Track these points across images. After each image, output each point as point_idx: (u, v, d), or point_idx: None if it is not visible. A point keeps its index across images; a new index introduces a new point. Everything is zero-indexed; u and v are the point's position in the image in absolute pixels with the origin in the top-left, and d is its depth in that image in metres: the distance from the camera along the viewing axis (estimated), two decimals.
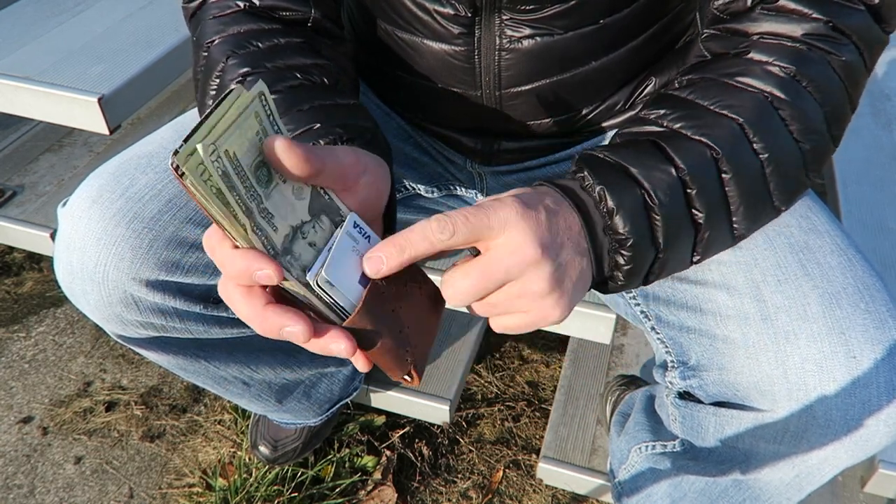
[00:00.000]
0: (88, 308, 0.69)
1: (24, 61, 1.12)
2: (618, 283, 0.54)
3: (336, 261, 0.45)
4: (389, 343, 0.47)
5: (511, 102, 0.70)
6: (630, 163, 0.53)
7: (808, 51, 0.55)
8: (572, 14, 0.63)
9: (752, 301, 0.60)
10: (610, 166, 0.53)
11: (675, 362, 0.67)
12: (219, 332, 0.75)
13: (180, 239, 0.66)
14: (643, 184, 0.52)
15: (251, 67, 0.60)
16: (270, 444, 1.15)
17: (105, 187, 0.66)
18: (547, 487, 1.19)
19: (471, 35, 0.66)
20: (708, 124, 0.54)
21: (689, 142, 0.54)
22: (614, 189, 0.52)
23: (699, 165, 0.53)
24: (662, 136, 0.55)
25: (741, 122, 0.54)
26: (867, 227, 1.08)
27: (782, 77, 0.55)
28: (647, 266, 0.54)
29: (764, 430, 0.60)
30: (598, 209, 0.52)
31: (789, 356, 0.57)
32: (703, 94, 0.56)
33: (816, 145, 0.56)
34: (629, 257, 0.52)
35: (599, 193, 0.52)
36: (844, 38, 0.56)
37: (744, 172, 0.54)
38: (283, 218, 0.44)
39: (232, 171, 0.40)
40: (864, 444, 0.58)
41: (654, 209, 0.52)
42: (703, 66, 0.60)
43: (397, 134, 0.82)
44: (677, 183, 0.53)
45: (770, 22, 0.57)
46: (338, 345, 0.45)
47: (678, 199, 0.53)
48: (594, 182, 0.52)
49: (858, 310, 0.57)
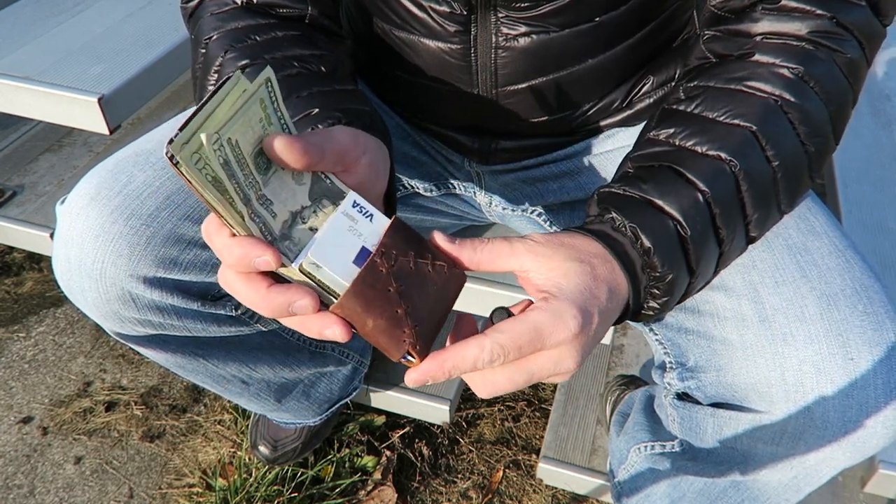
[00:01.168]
0: (86, 305, 0.69)
1: (24, 61, 1.12)
2: (652, 313, 0.54)
3: (327, 242, 0.45)
4: (382, 324, 0.45)
5: (508, 100, 0.70)
6: (654, 196, 0.53)
7: (814, 50, 0.55)
8: (567, 11, 0.63)
9: (750, 303, 0.60)
10: (636, 203, 0.53)
11: (673, 363, 0.67)
12: (217, 331, 0.75)
13: (178, 236, 0.66)
14: (673, 215, 0.52)
15: (250, 59, 0.60)
16: (270, 444, 1.15)
17: (103, 184, 0.66)
18: (547, 487, 1.19)
19: (467, 33, 0.66)
20: (721, 136, 0.54)
21: (704, 160, 0.53)
22: (646, 227, 0.51)
23: (720, 184, 0.53)
24: (677, 159, 0.54)
25: (753, 130, 0.53)
26: (867, 227, 1.08)
27: (790, 78, 0.55)
28: (681, 293, 0.54)
29: (762, 431, 0.60)
30: (635, 248, 0.52)
31: (787, 358, 0.57)
32: (712, 106, 0.56)
33: (821, 147, 0.56)
34: (666, 290, 0.52)
35: (633, 232, 0.51)
36: (847, 34, 0.55)
37: (758, 181, 0.54)
38: (282, 204, 0.44)
39: (233, 160, 0.40)
40: (862, 446, 0.58)
41: (687, 239, 0.52)
42: (708, 71, 0.59)
43: (396, 133, 0.82)
44: (704, 207, 0.52)
45: (772, 21, 0.56)
46: (332, 330, 0.44)
47: (706, 223, 0.53)
48: (625, 221, 0.52)
49: (856, 311, 0.57)
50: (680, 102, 0.58)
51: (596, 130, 0.76)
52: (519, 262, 0.48)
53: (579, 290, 0.47)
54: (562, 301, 0.46)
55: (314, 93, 0.58)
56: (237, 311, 0.74)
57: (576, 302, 0.46)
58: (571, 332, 0.45)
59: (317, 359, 0.97)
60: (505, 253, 0.48)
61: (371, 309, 0.45)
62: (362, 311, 0.45)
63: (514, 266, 0.48)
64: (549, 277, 0.47)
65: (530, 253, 0.48)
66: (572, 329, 0.45)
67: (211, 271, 0.69)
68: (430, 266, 0.48)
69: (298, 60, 0.61)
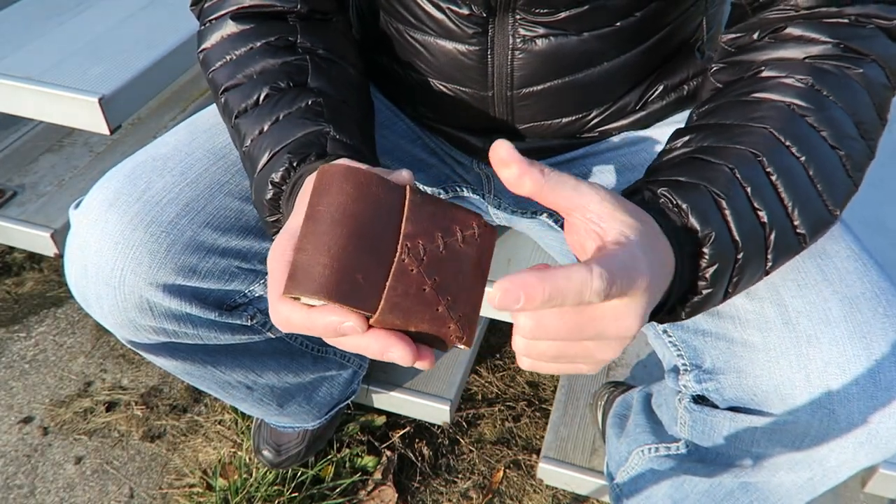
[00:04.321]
0: (101, 313, 0.68)
1: (25, 61, 1.12)
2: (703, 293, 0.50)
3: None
4: (426, 327, 0.42)
5: (522, 103, 0.70)
6: (679, 175, 0.51)
7: (822, 65, 0.55)
8: (586, 18, 0.63)
9: (773, 305, 0.60)
10: (663, 183, 0.51)
11: (688, 366, 0.66)
12: (229, 339, 0.75)
13: (198, 243, 0.66)
14: (701, 184, 0.50)
15: (225, 81, 0.64)
16: (274, 449, 1.15)
17: (122, 190, 0.66)
18: (547, 487, 1.19)
19: (484, 35, 0.66)
20: (738, 135, 0.53)
21: (726, 150, 0.52)
22: (678, 191, 0.49)
23: (745, 164, 0.51)
24: (699, 152, 0.53)
25: (770, 130, 0.52)
26: (867, 226, 1.08)
27: (800, 87, 0.54)
28: (730, 268, 0.50)
29: (783, 433, 0.60)
30: (672, 210, 0.49)
31: (811, 360, 0.57)
32: (726, 115, 0.55)
33: (852, 152, 0.53)
34: (711, 255, 0.49)
35: (667, 196, 0.49)
36: (862, 57, 0.55)
37: (789, 172, 0.51)
38: None
39: None
40: (884, 446, 0.58)
41: (723, 202, 0.49)
42: (717, 94, 0.59)
43: (405, 135, 0.82)
44: (732, 178, 0.50)
45: (777, 50, 0.56)
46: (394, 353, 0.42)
47: (739, 194, 0.50)
48: (655, 189, 0.50)
49: (877, 314, 0.58)
50: (693, 122, 0.58)
51: (609, 133, 0.76)
52: (583, 199, 0.43)
53: (643, 248, 0.43)
54: (634, 248, 0.42)
55: (274, 124, 0.60)
56: (252, 321, 0.74)
57: (645, 255, 0.43)
58: (647, 280, 0.41)
59: (319, 363, 0.97)
60: (570, 185, 0.43)
61: (410, 318, 0.42)
62: (402, 324, 0.42)
63: (576, 203, 0.44)
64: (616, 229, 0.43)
65: (596, 194, 0.44)
66: (647, 278, 0.41)
67: (229, 280, 0.69)
68: (460, 241, 0.44)
69: (264, 75, 0.63)
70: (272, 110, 0.61)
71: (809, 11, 0.56)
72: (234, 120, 0.62)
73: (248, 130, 0.61)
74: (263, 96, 0.62)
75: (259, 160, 0.59)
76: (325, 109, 0.61)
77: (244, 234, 0.69)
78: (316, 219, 0.42)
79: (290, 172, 0.56)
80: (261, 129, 0.60)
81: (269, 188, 0.57)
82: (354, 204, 0.42)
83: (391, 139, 0.81)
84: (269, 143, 0.59)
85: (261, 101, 0.61)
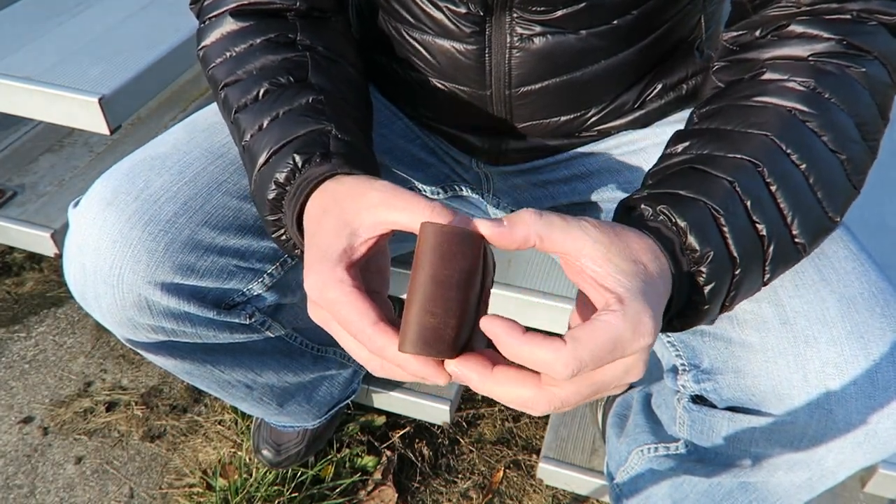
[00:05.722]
0: (100, 311, 0.68)
1: (24, 61, 1.12)
2: (700, 309, 0.51)
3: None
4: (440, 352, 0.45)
5: (521, 101, 0.70)
6: (678, 188, 0.51)
7: (823, 66, 0.54)
8: (582, 16, 0.63)
9: (770, 305, 0.60)
10: (660, 195, 0.51)
11: (686, 365, 0.66)
12: (227, 337, 0.75)
13: (196, 242, 0.66)
14: (700, 199, 0.50)
15: (224, 78, 0.65)
16: (274, 448, 1.15)
17: (120, 189, 0.66)
18: (547, 487, 1.19)
19: (482, 33, 0.66)
20: (738, 143, 0.53)
21: (725, 160, 0.52)
22: (677, 208, 0.49)
23: (745, 176, 0.51)
24: (698, 161, 0.53)
25: (771, 137, 0.52)
26: (868, 226, 1.08)
27: (802, 91, 0.53)
28: (726, 285, 0.50)
29: (781, 433, 0.60)
30: (670, 229, 0.49)
31: (809, 360, 0.57)
32: (725, 121, 0.55)
33: (854, 154, 0.53)
34: (709, 274, 0.49)
35: (666, 213, 0.49)
36: (864, 54, 0.55)
37: (789, 181, 0.51)
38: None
39: None
40: (882, 447, 0.58)
41: (721, 219, 0.49)
42: (719, 95, 0.59)
43: (404, 134, 0.82)
44: (732, 192, 0.50)
45: (780, 48, 0.56)
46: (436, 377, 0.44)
47: (738, 209, 0.50)
48: (654, 206, 0.50)
49: (875, 314, 0.58)
50: (694, 125, 0.58)
51: (607, 132, 0.76)
52: (576, 244, 0.43)
53: (642, 289, 0.43)
54: (635, 303, 0.42)
55: (274, 120, 0.60)
56: (250, 320, 0.74)
57: (648, 303, 0.42)
58: (650, 338, 0.42)
59: (319, 362, 0.97)
60: (559, 228, 0.43)
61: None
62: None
63: (568, 247, 0.44)
64: (611, 275, 0.43)
65: (587, 236, 0.43)
66: (651, 335, 0.42)
67: (227, 278, 0.69)
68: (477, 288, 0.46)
69: (264, 71, 0.63)
70: (272, 106, 0.60)
71: (811, 8, 0.56)
72: (234, 115, 0.62)
73: (248, 125, 0.61)
74: (263, 92, 0.61)
75: (259, 156, 0.59)
76: (326, 107, 0.61)
77: (242, 232, 0.69)
78: (445, 284, 0.44)
79: (294, 174, 0.56)
80: (260, 124, 0.60)
81: (273, 188, 0.57)
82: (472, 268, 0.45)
83: (390, 138, 0.81)
84: (270, 139, 0.59)
85: (261, 96, 0.61)
